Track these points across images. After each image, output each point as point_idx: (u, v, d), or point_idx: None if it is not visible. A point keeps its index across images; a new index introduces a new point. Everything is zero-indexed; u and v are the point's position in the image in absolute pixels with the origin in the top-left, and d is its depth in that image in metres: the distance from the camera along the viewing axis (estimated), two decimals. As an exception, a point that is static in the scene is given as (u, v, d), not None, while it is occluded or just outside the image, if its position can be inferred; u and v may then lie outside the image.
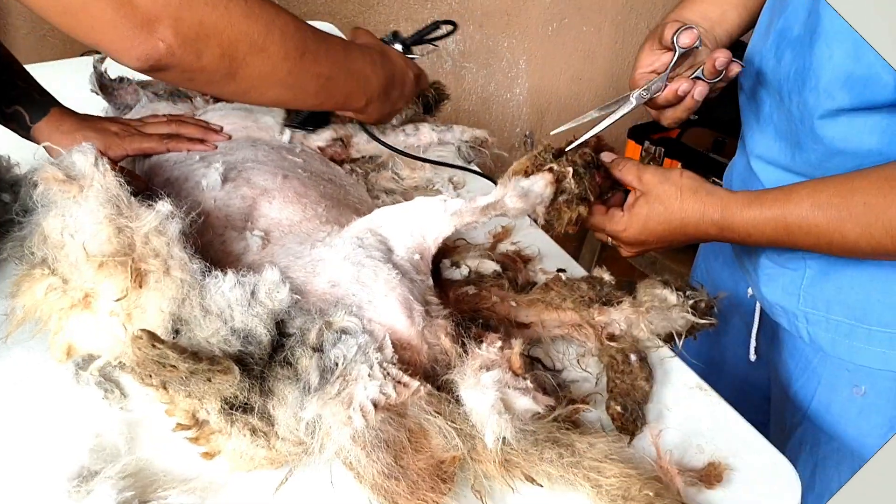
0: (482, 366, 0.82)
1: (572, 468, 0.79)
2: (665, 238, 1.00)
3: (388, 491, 0.77)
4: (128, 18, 0.81)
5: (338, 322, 0.81)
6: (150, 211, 0.83)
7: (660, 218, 0.98)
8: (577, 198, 0.98)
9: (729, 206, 0.96)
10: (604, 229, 1.03)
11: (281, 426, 0.80)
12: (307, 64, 0.97)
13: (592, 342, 0.98)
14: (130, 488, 0.78)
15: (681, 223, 0.98)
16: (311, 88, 1.01)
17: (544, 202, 0.98)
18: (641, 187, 1.00)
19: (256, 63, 0.92)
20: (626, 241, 1.03)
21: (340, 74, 1.04)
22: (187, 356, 0.72)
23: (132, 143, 1.17)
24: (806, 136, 1.00)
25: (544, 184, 0.97)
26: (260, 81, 0.95)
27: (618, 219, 1.01)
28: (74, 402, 0.90)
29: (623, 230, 1.01)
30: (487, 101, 3.22)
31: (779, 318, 1.15)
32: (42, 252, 0.89)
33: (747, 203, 0.95)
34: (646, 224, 0.99)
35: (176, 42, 0.84)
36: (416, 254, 0.94)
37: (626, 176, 1.02)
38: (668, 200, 0.98)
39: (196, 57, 0.87)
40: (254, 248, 0.95)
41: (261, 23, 0.90)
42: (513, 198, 0.95)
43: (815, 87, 0.96)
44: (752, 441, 0.89)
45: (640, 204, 0.99)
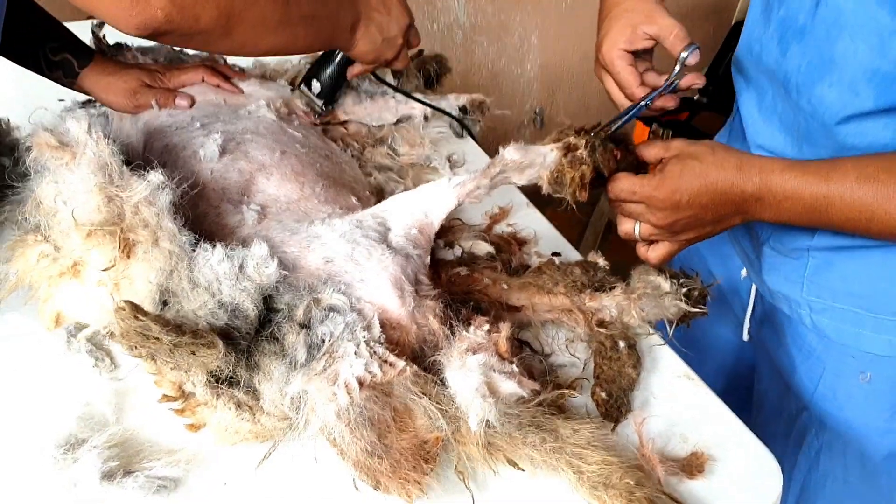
0: (469, 348, 0.82)
1: (555, 453, 0.79)
2: (700, 197, 0.91)
3: (371, 469, 0.77)
4: None
5: (326, 299, 0.81)
6: (141, 181, 0.83)
7: (695, 171, 0.91)
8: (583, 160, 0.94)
9: (767, 165, 0.91)
10: (634, 191, 0.93)
11: (266, 401, 0.80)
12: (293, 8, 1.00)
13: (582, 328, 0.98)
14: (115, 458, 0.79)
15: (716, 180, 0.90)
16: (301, 31, 1.04)
17: (548, 164, 0.94)
18: (670, 153, 0.94)
19: (250, 16, 0.94)
20: (658, 201, 0.92)
21: (321, 9, 1.05)
22: (170, 329, 0.72)
23: (173, 77, 1.24)
24: (818, 132, 0.98)
25: (550, 147, 0.95)
26: (254, 34, 0.98)
27: (648, 179, 0.93)
28: (66, 369, 0.91)
29: (655, 188, 0.92)
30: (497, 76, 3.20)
31: (780, 305, 1.15)
32: (36, 218, 0.89)
33: (788, 167, 0.90)
34: (680, 178, 0.91)
35: (174, 9, 0.86)
36: (414, 229, 0.94)
37: (653, 150, 0.96)
38: (702, 156, 0.91)
39: (194, 20, 0.89)
40: (249, 221, 0.95)
41: None
42: (511, 150, 0.94)
43: (835, 83, 0.93)
44: (737, 432, 0.89)
45: (671, 163, 0.92)
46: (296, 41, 1.05)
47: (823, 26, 0.93)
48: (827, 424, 1.14)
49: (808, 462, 1.18)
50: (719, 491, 0.82)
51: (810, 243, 1.05)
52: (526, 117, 3.37)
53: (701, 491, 0.81)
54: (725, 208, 0.93)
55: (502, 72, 3.21)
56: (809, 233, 1.05)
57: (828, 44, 0.92)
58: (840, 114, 0.93)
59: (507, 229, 1.19)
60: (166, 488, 0.79)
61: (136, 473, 0.78)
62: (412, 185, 1.26)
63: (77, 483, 0.76)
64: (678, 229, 0.95)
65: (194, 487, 0.80)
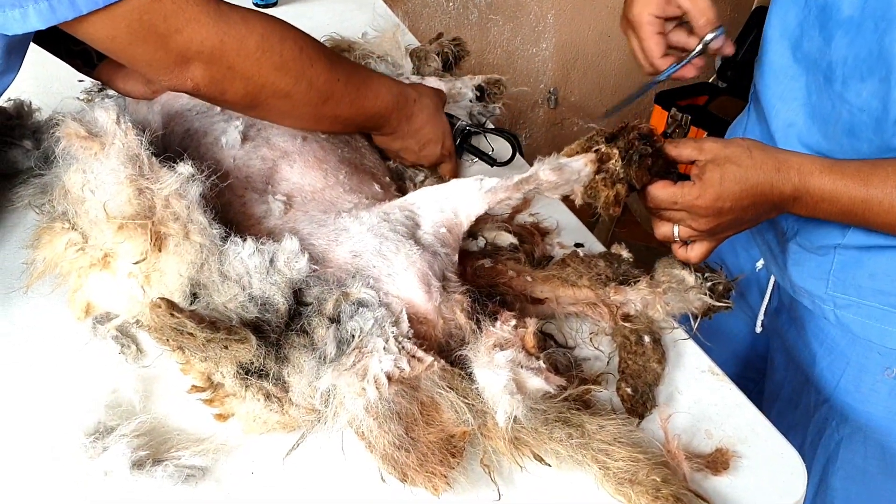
0: (496, 344, 0.82)
1: (581, 449, 0.80)
2: (742, 201, 0.91)
3: (398, 462, 0.78)
4: (162, 59, 0.87)
5: (355, 293, 0.81)
6: (171, 173, 0.83)
7: (735, 176, 0.90)
8: (617, 178, 0.93)
9: (805, 167, 0.90)
10: (675, 201, 0.93)
11: (295, 393, 0.81)
12: (328, 109, 1.02)
13: (606, 321, 0.98)
14: (145, 447, 0.79)
15: (756, 182, 0.90)
16: (326, 124, 1.08)
17: (581, 180, 0.94)
18: (705, 156, 0.93)
19: (278, 104, 0.98)
20: (702, 209, 0.92)
21: (361, 116, 1.09)
22: (205, 325, 0.72)
23: None
24: (866, 127, 0.96)
25: (584, 162, 0.94)
26: (279, 117, 1.02)
27: (688, 188, 0.92)
28: (92, 356, 0.92)
29: (697, 197, 0.91)
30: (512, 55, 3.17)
31: (801, 299, 1.15)
32: (63, 206, 0.89)
33: (826, 168, 0.90)
34: (721, 185, 0.90)
35: (203, 82, 0.91)
36: (443, 227, 0.94)
37: (685, 150, 0.95)
38: (740, 159, 0.91)
39: (220, 93, 0.93)
40: (276, 212, 0.94)
41: (291, 75, 0.95)
42: (546, 171, 0.93)
43: (886, 79, 0.91)
44: (761, 428, 0.89)
45: (709, 169, 0.91)
46: (319, 127, 1.09)
47: (872, 19, 0.91)
48: (849, 417, 1.14)
49: (827, 454, 1.18)
50: (744, 488, 0.82)
51: (840, 241, 1.05)
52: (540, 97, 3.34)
53: (726, 488, 0.82)
54: (764, 207, 0.93)
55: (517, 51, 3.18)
56: (840, 232, 1.04)
57: (876, 37, 0.91)
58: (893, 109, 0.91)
59: (529, 219, 1.18)
60: (195, 477, 0.79)
61: (166, 462, 0.79)
62: (430, 172, 1.25)
63: (108, 472, 0.77)
64: (719, 231, 0.95)
65: (222, 477, 0.81)
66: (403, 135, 1.16)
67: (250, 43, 0.90)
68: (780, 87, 1.09)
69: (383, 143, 1.19)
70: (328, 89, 1.00)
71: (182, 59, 0.88)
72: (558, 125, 3.41)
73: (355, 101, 1.05)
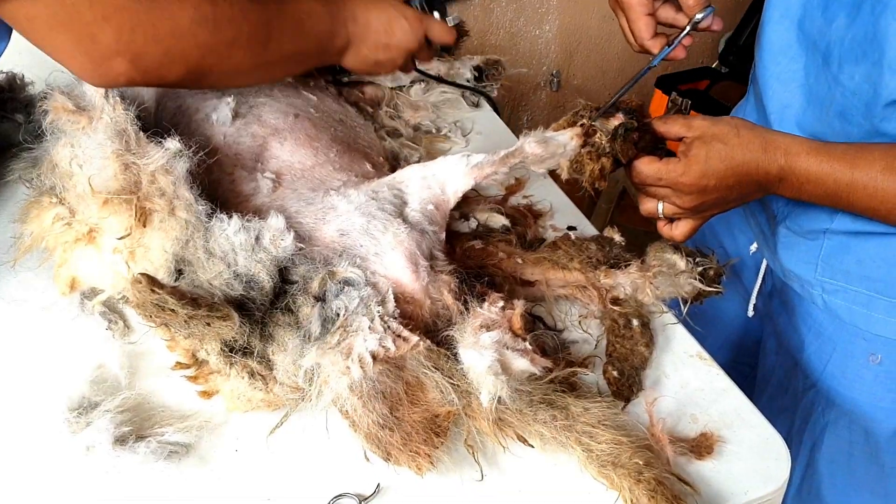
0: (482, 325, 0.82)
1: (565, 431, 0.80)
2: (726, 179, 0.91)
3: (382, 441, 0.78)
4: (88, 53, 0.82)
5: (341, 272, 0.81)
6: (159, 148, 0.82)
7: (721, 154, 0.90)
8: (602, 151, 0.93)
9: (792, 148, 0.90)
10: (660, 177, 0.93)
11: (279, 371, 0.81)
12: (272, 51, 0.97)
13: (596, 304, 0.98)
14: (128, 423, 0.79)
15: (742, 162, 0.90)
16: (280, 68, 1.04)
17: (567, 154, 0.94)
18: (692, 133, 0.92)
19: (223, 67, 0.93)
20: (686, 186, 0.92)
21: (306, 43, 1.03)
22: (186, 302, 0.72)
23: None
24: (856, 110, 0.95)
25: (570, 135, 0.94)
26: (228, 79, 0.99)
27: (674, 164, 0.92)
28: (79, 331, 0.92)
29: (682, 174, 0.91)
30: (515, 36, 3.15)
31: (791, 283, 1.14)
32: (51, 180, 0.89)
33: (813, 150, 0.89)
34: (707, 163, 0.90)
35: (137, 73, 0.85)
36: (431, 204, 0.93)
37: (673, 127, 0.95)
38: (727, 137, 0.90)
39: (159, 79, 0.89)
40: (264, 189, 0.94)
41: (228, 33, 0.90)
42: (532, 144, 0.93)
43: (878, 63, 0.90)
44: (747, 414, 0.89)
45: (696, 146, 0.91)
46: (274, 75, 1.07)
47: (870, 1, 0.90)
48: (834, 403, 1.14)
49: (813, 438, 1.19)
50: (727, 473, 0.82)
51: (829, 226, 1.04)
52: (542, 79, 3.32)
53: (709, 472, 0.82)
54: (749, 187, 0.93)
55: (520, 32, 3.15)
56: (828, 216, 1.03)
57: (872, 19, 0.90)
58: (888, 97, 0.91)
59: (522, 201, 1.18)
60: (178, 454, 0.80)
61: (149, 438, 0.79)
62: (425, 153, 1.25)
63: (91, 447, 0.77)
64: (704, 209, 0.95)
65: (206, 454, 0.81)
66: (359, 38, 1.09)
67: (184, 19, 0.85)
68: (778, 67, 1.08)
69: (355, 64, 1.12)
70: (265, 29, 0.95)
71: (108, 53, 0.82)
72: (560, 108, 3.39)
73: (295, 30, 1.00)
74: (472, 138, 1.34)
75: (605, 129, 0.93)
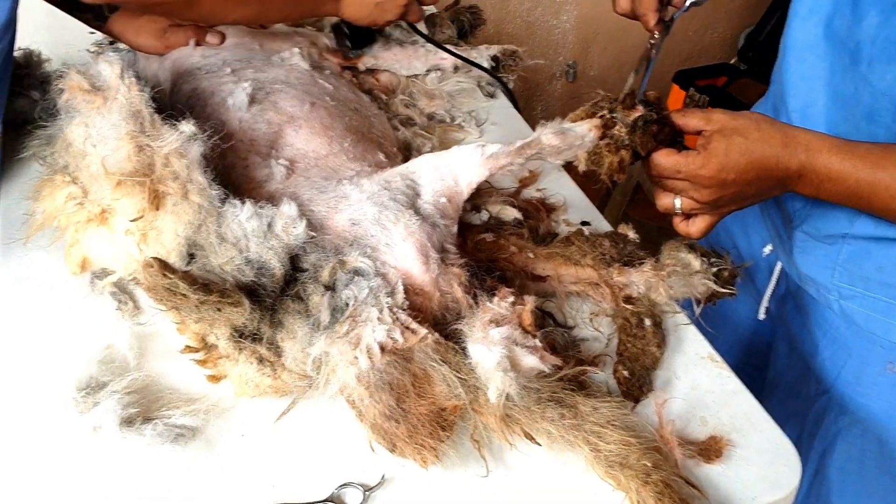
0: (492, 320, 0.81)
1: (573, 430, 0.79)
2: (746, 174, 0.89)
3: (388, 432, 0.77)
4: None
5: (351, 262, 0.81)
6: (173, 131, 0.82)
7: (741, 148, 0.88)
8: (622, 143, 0.92)
9: (813, 144, 0.88)
10: (678, 170, 0.91)
11: (288, 358, 0.80)
12: None
13: (608, 302, 0.97)
14: (135, 405, 0.79)
15: (762, 156, 0.88)
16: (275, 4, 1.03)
17: (585, 146, 0.92)
18: (712, 126, 0.90)
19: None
20: (704, 180, 0.90)
21: None
22: (197, 287, 0.72)
23: None
24: (885, 112, 0.93)
25: (588, 127, 0.92)
26: (221, 8, 0.99)
27: (693, 157, 0.90)
28: (89, 310, 0.91)
29: (700, 167, 0.89)
30: (532, 25, 3.13)
31: (807, 287, 1.13)
32: (64, 159, 0.89)
33: (835, 147, 0.88)
34: (727, 156, 0.88)
35: None
36: (444, 197, 0.92)
37: (692, 119, 0.93)
38: (747, 131, 0.88)
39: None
40: (278, 176, 0.93)
41: None
42: (549, 135, 0.91)
43: None
44: (757, 418, 0.88)
45: (715, 139, 0.89)
46: (268, 13, 1.05)
47: None
48: (847, 409, 1.13)
49: (824, 445, 1.17)
50: (736, 477, 0.81)
51: (849, 231, 1.03)
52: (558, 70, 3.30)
53: (718, 476, 0.81)
54: (768, 182, 0.91)
55: (537, 22, 3.13)
56: (848, 220, 1.02)
57: None
58: None
59: (536, 194, 1.17)
60: (184, 437, 0.79)
61: (156, 421, 0.78)
62: (438, 143, 1.24)
63: (97, 427, 0.77)
64: (721, 204, 0.93)
65: (212, 438, 0.81)
66: None
67: None
68: (802, 65, 1.06)
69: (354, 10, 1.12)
70: None
71: None
72: (576, 99, 3.37)
73: None
74: (486, 129, 1.33)
75: (624, 120, 0.92)
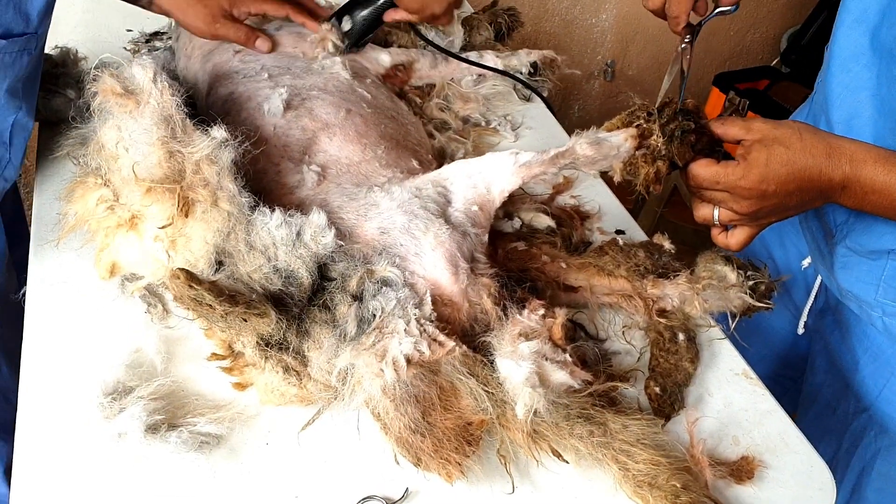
0: (521, 333, 0.80)
1: (602, 448, 0.77)
2: (787, 185, 0.86)
3: (413, 445, 0.76)
4: None
5: (379, 272, 0.80)
6: (204, 137, 0.81)
7: (782, 159, 0.85)
8: (658, 154, 0.90)
9: (858, 155, 0.85)
10: (717, 181, 0.88)
11: (314, 368, 0.80)
12: None
13: (641, 315, 0.95)
14: (161, 411, 0.79)
15: (804, 167, 0.85)
16: None
17: (621, 156, 0.90)
18: (752, 136, 0.87)
19: None
20: (744, 191, 0.87)
21: None
22: (224, 299, 0.71)
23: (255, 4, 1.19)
24: None
25: (624, 137, 0.90)
26: None
27: (732, 168, 0.87)
28: (118, 313, 0.92)
29: (741, 177, 0.86)
30: (570, 24, 3.10)
31: (848, 303, 1.10)
32: (96, 161, 0.89)
33: (882, 159, 0.85)
34: (767, 166, 0.85)
35: None
36: (475, 206, 0.91)
37: (731, 129, 0.90)
38: (789, 141, 0.86)
39: None
40: (309, 183, 0.93)
41: None
42: (584, 145, 0.89)
43: None
44: (792, 438, 0.86)
45: (755, 149, 0.86)
46: None
47: None
48: (888, 429, 1.09)
49: (863, 463, 1.14)
50: (768, 500, 0.79)
51: (894, 247, 0.99)
52: (596, 69, 3.27)
53: (749, 498, 0.79)
54: (810, 194, 0.88)
55: (575, 20, 3.10)
56: (894, 236, 0.99)
57: None
58: None
59: (570, 201, 1.15)
60: (209, 445, 0.79)
61: (181, 428, 0.78)
62: (471, 148, 1.23)
63: (122, 433, 0.77)
64: (761, 216, 0.90)
65: (237, 446, 0.80)
66: None
67: None
68: (848, 75, 1.02)
69: None
70: None
71: None
72: (613, 98, 3.33)
73: None
74: (521, 133, 1.32)
75: (661, 130, 0.90)
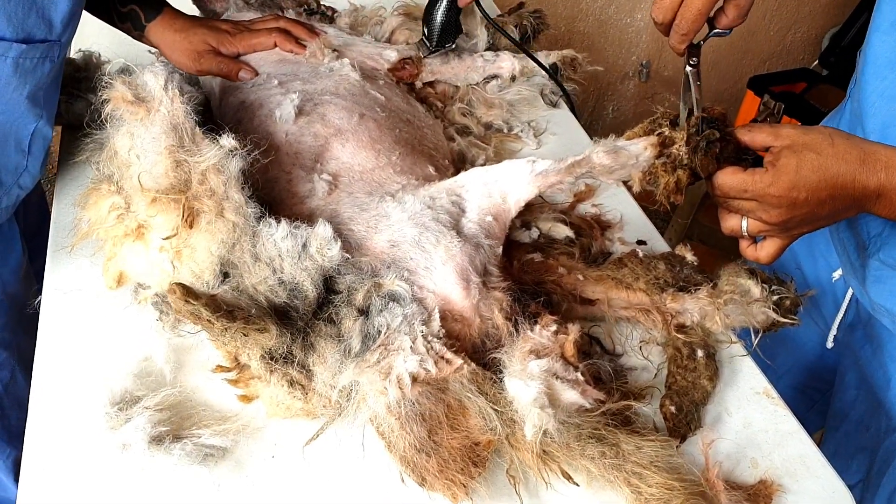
0: (532, 350, 0.78)
1: (614, 470, 0.75)
2: (819, 192, 0.82)
3: (417, 465, 0.75)
4: None
5: (387, 285, 0.78)
6: (213, 146, 0.80)
7: (813, 165, 0.81)
8: (679, 163, 0.86)
9: (894, 161, 0.81)
10: (745, 189, 0.84)
11: (318, 383, 0.78)
12: None
13: (659, 330, 0.92)
14: (166, 422, 0.78)
15: (837, 174, 0.81)
16: None
17: (640, 165, 0.87)
18: (781, 141, 0.84)
19: None
20: (774, 199, 0.83)
21: None
22: (221, 314, 0.70)
23: (243, 39, 1.18)
24: None
25: (643, 145, 0.87)
26: None
27: (760, 175, 0.83)
28: (130, 321, 0.91)
29: (769, 185, 0.82)
30: (605, 24, 3.06)
31: (880, 318, 1.06)
32: (109, 168, 0.88)
33: None
34: (797, 173, 0.81)
35: None
36: (490, 216, 0.89)
37: (759, 135, 0.86)
38: (820, 147, 0.82)
39: None
40: (319, 192, 0.91)
41: None
42: (601, 153, 0.87)
43: None
44: (813, 462, 0.83)
45: (785, 155, 0.82)
46: None
47: None
48: None
49: (894, 484, 1.10)
50: (786, 528, 0.76)
51: None
52: (631, 69, 3.22)
53: (766, 525, 0.76)
54: (843, 202, 0.84)
55: (610, 20, 3.06)
56: None
57: None
58: None
59: (591, 210, 1.12)
60: (213, 457, 0.78)
61: (185, 440, 0.77)
62: (493, 154, 1.20)
63: (126, 445, 0.76)
64: (792, 226, 0.87)
65: (242, 459, 0.80)
66: None
67: None
68: (883, 83, 0.99)
69: None
70: None
71: None
72: (649, 99, 3.28)
73: None
74: (545, 139, 1.29)
75: (686, 141, 0.87)
